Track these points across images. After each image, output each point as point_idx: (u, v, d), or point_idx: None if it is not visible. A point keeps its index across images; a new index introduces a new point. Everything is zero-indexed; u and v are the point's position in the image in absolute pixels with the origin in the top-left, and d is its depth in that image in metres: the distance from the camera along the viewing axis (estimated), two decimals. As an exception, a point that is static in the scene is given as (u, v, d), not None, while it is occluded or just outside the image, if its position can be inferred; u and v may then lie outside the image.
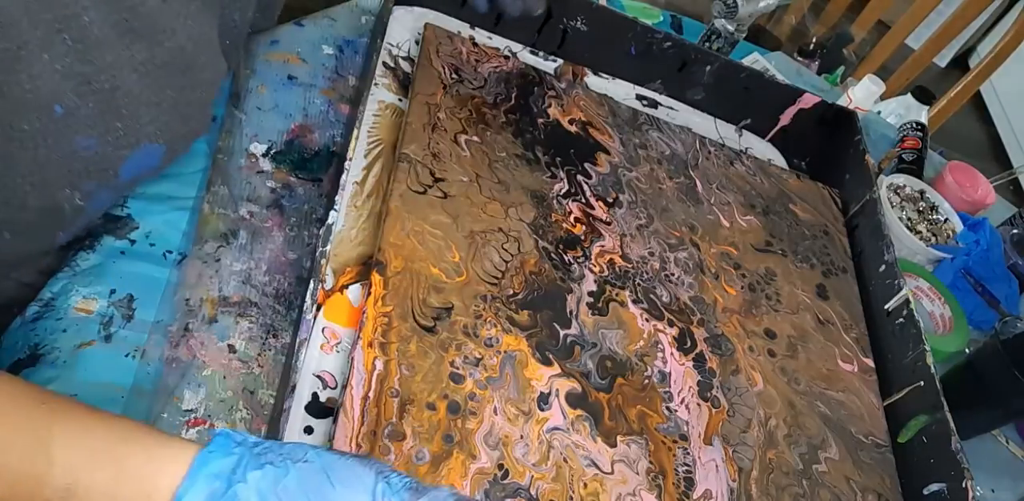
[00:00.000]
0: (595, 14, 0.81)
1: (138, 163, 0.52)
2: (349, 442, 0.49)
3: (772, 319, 0.70)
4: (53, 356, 0.53)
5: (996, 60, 1.50)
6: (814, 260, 0.77)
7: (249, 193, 0.64)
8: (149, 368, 0.54)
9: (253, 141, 0.67)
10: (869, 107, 1.10)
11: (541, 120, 0.74)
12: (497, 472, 0.52)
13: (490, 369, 0.56)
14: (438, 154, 0.66)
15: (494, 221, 0.64)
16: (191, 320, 0.56)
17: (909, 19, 1.54)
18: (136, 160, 0.52)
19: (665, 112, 0.86)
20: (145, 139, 0.51)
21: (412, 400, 0.52)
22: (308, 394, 0.52)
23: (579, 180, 0.71)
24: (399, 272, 0.58)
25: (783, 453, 0.62)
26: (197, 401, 0.53)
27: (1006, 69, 1.59)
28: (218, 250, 0.60)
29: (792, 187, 0.84)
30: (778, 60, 1.16)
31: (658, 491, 0.56)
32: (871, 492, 0.63)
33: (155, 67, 0.48)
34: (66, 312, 0.55)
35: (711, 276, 0.71)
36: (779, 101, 0.88)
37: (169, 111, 0.51)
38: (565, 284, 0.63)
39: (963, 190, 1.04)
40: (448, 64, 0.74)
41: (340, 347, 0.55)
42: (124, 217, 0.60)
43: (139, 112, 0.49)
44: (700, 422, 0.61)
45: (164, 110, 0.51)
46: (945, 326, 0.87)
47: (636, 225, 0.71)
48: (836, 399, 0.67)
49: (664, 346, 0.64)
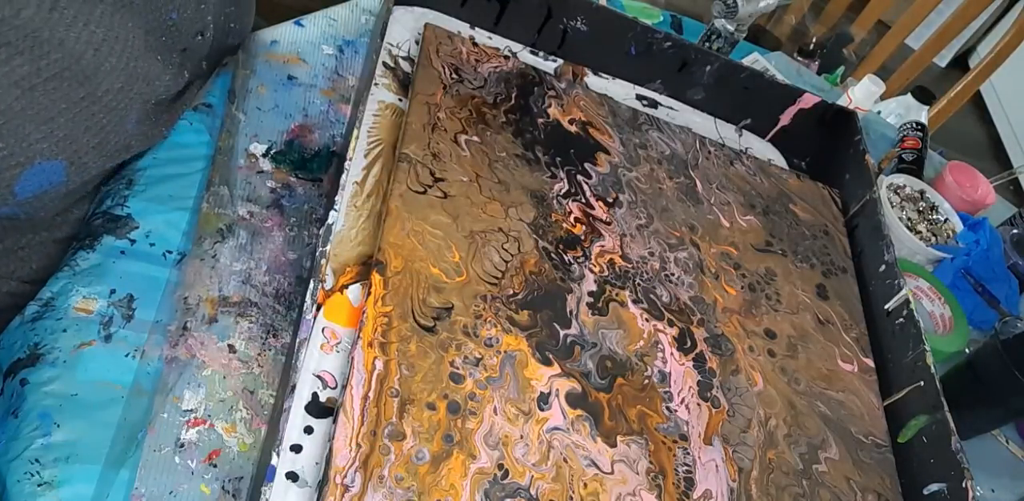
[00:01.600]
0: (595, 14, 0.81)
1: (36, 181, 0.50)
2: (349, 442, 0.49)
3: (772, 319, 0.70)
4: (53, 356, 0.53)
5: (996, 60, 1.50)
6: (814, 260, 0.77)
7: (249, 193, 0.64)
8: (149, 368, 0.54)
9: (253, 141, 0.67)
10: (869, 107, 1.10)
11: (541, 120, 0.74)
12: (497, 472, 0.52)
13: (490, 369, 0.56)
14: (438, 154, 0.66)
15: (494, 221, 0.64)
16: (189, 319, 0.56)
17: (909, 19, 1.54)
18: (32, 178, 0.49)
19: (665, 112, 0.86)
20: (38, 157, 0.48)
21: (412, 400, 0.52)
22: (308, 394, 0.52)
23: (579, 180, 0.71)
24: (399, 272, 0.58)
25: (783, 453, 0.62)
26: (197, 401, 0.53)
27: (1006, 69, 1.59)
28: (218, 250, 0.60)
29: (792, 187, 0.84)
30: (778, 60, 1.16)
31: (658, 491, 0.56)
32: (871, 492, 0.63)
33: (42, 81, 0.46)
34: (66, 312, 0.55)
35: (711, 276, 0.71)
36: (779, 101, 0.88)
37: (67, 125, 0.49)
38: (565, 284, 0.63)
39: (963, 190, 1.04)
40: (448, 64, 0.74)
41: (340, 347, 0.55)
42: (124, 217, 0.60)
43: (25, 130, 0.47)
44: (700, 422, 0.61)
45: (60, 125, 0.48)
46: (945, 326, 0.87)
47: (636, 225, 0.71)
48: (836, 399, 0.67)
49: (664, 346, 0.64)
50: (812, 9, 1.61)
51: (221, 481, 0.51)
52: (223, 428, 0.53)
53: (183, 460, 0.51)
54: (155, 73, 0.55)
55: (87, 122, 0.50)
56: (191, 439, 0.52)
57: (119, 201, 0.61)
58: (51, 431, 0.50)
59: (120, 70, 0.51)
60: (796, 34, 1.50)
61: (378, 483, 0.48)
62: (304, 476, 0.49)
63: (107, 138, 0.53)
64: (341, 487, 0.47)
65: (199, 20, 0.60)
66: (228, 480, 0.52)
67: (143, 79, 0.54)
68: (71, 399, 0.51)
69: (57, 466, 0.49)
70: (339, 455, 0.48)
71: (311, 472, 0.49)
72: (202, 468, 0.51)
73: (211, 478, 0.51)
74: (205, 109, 0.70)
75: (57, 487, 0.48)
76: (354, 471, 0.48)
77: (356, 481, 0.48)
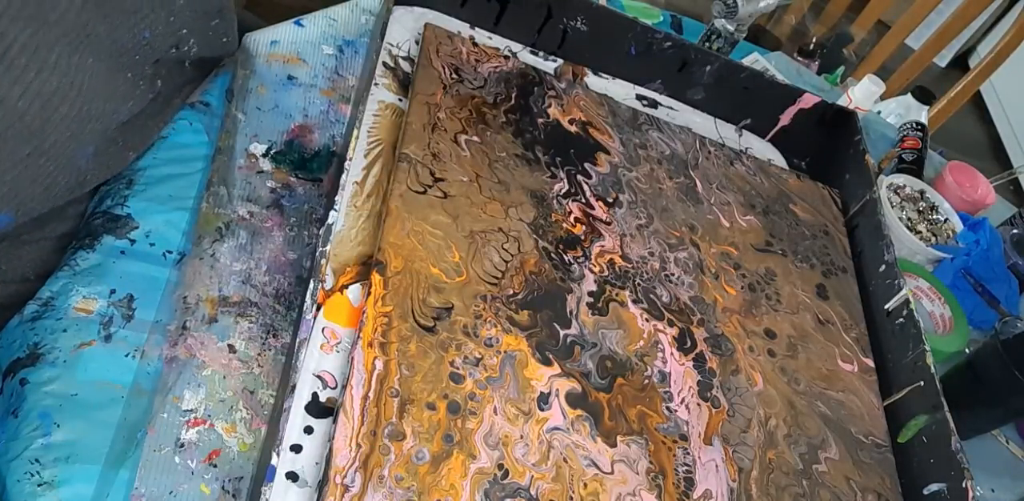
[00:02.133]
0: (595, 14, 0.81)
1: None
2: (349, 442, 0.49)
3: (772, 319, 0.70)
4: (53, 356, 0.53)
5: (996, 60, 1.50)
6: (814, 260, 0.77)
7: (249, 193, 0.64)
8: (149, 368, 0.54)
9: (253, 141, 0.67)
10: (869, 107, 1.10)
11: (541, 120, 0.74)
12: (497, 472, 0.52)
13: (490, 369, 0.56)
14: (438, 154, 0.66)
15: (494, 221, 0.64)
16: (188, 318, 0.56)
17: (909, 19, 1.54)
18: None
19: (665, 112, 0.86)
20: None
21: (412, 400, 0.52)
22: (308, 394, 0.52)
23: (579, 180, 0.71)
24: (399, 272, 0.58)
25: (783, 453, 0.62)
26: (197, 401, 0.53)
27: (1006, 69, 1.59)
28: (218, 250, 0.60)
29: (792, 187, 0.84)
30: (778, 60, 1.16)
31: (658, 491, 0.56)
32: (871, 492, 0.63)
33: None
34: (66, 312, 0.55)
35: (711, 276, 0.71)
36: (779, 101, 0.88)
37: (11, 181, 0.48)
38: (565, 284, 0.63)
39: (963, 190, 1.04)
40: (448, 64, 0.74)
41: (340, 347, 0.55)
42: (124, 217, 0.60)
43: None
44: (700, 422, 0.61)
45: (4, 182, 0.47)
46: (945, 326, 0.87)
47: (636, 225, 0.71)
48: (836, 399, 0.67)
49: (664, 346, 0.64)
50: (812, 9, 1.61)
51: (221, 481, 0.51)
52: (223, 428, 0.53)
53: (183, 460, 0.51)
54: (120, 96, 0.53)
55: (34, 174, 0.49)
56: (191, 439, 0.52)
57: (119, 201, 0.61)
58: (51, 431, 0.50)
59: (72, 117, 0.49)
60: (796, 34, 1.50)
61: (378, 483, 0.48)
62: (304, 476, 0.49)
63: (56, 181, 0.52)
64: (341, 487, 0.47)
65: (171, 34, 0.59)
66: (228, 480, 0.52)
67: (98, 117, 0.52)
68: (71, 399, 0.51)
69: (57, 466, 0.49)
70: (339, 455, 0.48)
71: (311, 472, 0.49)
72: (202, 468, 0.51)
73: (211, 478, 0.51)
74: (204, 109, 0.70)
75: (57, 487, 0.48)
76: (354, 471, 0.48)
77: (356, 481, 0.48)
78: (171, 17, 0.58)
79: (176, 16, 0.58)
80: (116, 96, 0.53)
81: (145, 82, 0.59)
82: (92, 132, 0.53)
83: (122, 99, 0.55)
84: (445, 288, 0.59)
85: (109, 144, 0.58)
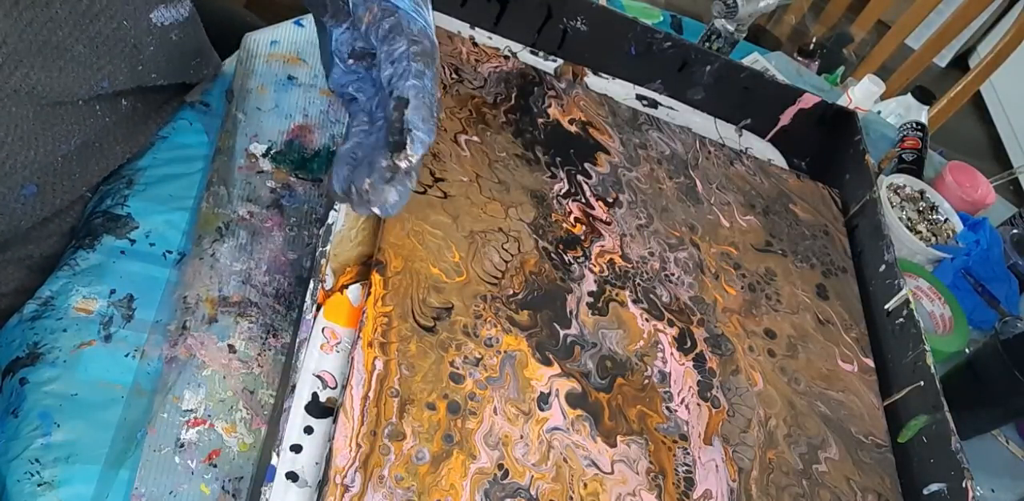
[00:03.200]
0: (595, 14, 0.81)
1: None
2: (349, 442, 0.49)
3: (772, 319, 0.70)
4: (53, 355, 0.53)
5: (996, 60, 1.50)
6: (814, 260, 0.77)
7: (249, 193, 0.64)
8: (149, 368, 0.54)
9: (253, 141, 0.67)
10: (869, 107, 1.10)
11: (541, 120, 0.74)
12: (497, 472, 0.52)
13: (490, 369, 0.56)
14: (438, 154, 0.66)
15: (494, 221, 0.64)
16: (188, 318, 0.56)
17: (909, 19, 1.54)
18: None
19: (665, 112, 0.86)
20: None
21: (412, 400, 0.52)
22: (308, 394, 0.52)
23: (579, 180, 0.71)
24: (399, 272, 0.58)
25: (783, 453, 0.62)
26: (197, 401, 0.53)
27: (1006, 69, 1.60)
28: (217, 249, 0.60)
29: (792, 187, 0.84)
30: (778, 60, 1.16)
31: (658, 491, 0.56)
32: (871, 492, 0.63)
33: None
34: (66, 312, 0.55)
35: (711, 276, 0.71)
36: (779, 101, 0.88)
37: None
38: (565, 284, 0.63)
39: (963, 190, 1.04)
40: (448, 64, 0.74)
41: (340, 347, 0.55)
42: (124, 216, 0.60)
43: None
44: (700, 422, 0.61)
45: None
46: (945, 326, 0.87)
47: (636, 225, 0.71)
48: (836, 399, 0.67)
49: (664, 346, 0.64)
50: (812, 9, 1.61)
51: (221, 481, 0.51)
52: (223, 428, 0.53)
53: (183, 460, 0.51)
54: (61, 136, 0.52)
55: None
56: (191, 439, 0.52)
57: (119, 200, 0.61)
58: (51, 431, 0.50)
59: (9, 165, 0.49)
60: (796, 34, 1.50)
61: (378, 483, 0.48)
62: (304, 476, 0.49)
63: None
64: (341, 487, 0.47)
65: (137, 79, 0.58)
66: (228, 480, 0.52)
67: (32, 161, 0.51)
68: (71, 399, 0.51)
69: (57, 466, 0.49)
70: (339, 455, 0.48)
71: (311, 472, 0.49)
72: (202, 468, 0.51)
73: (211, 478, 0.51)
74: (204, 109, 0.70)
75: (57, 487, 0.48)
76: (354, 471, 0.48)
77: (356, 481, 0.48)
78: (138, 66, 0.57)
79: (144, 65, 0.57)
80: (59, 133, 0.52)
81: (101, 111, 0.57)
82: (27, 175, 0.52)
83: (63, 138, 0.54)
84: (445, 288, 0.59)
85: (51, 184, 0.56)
